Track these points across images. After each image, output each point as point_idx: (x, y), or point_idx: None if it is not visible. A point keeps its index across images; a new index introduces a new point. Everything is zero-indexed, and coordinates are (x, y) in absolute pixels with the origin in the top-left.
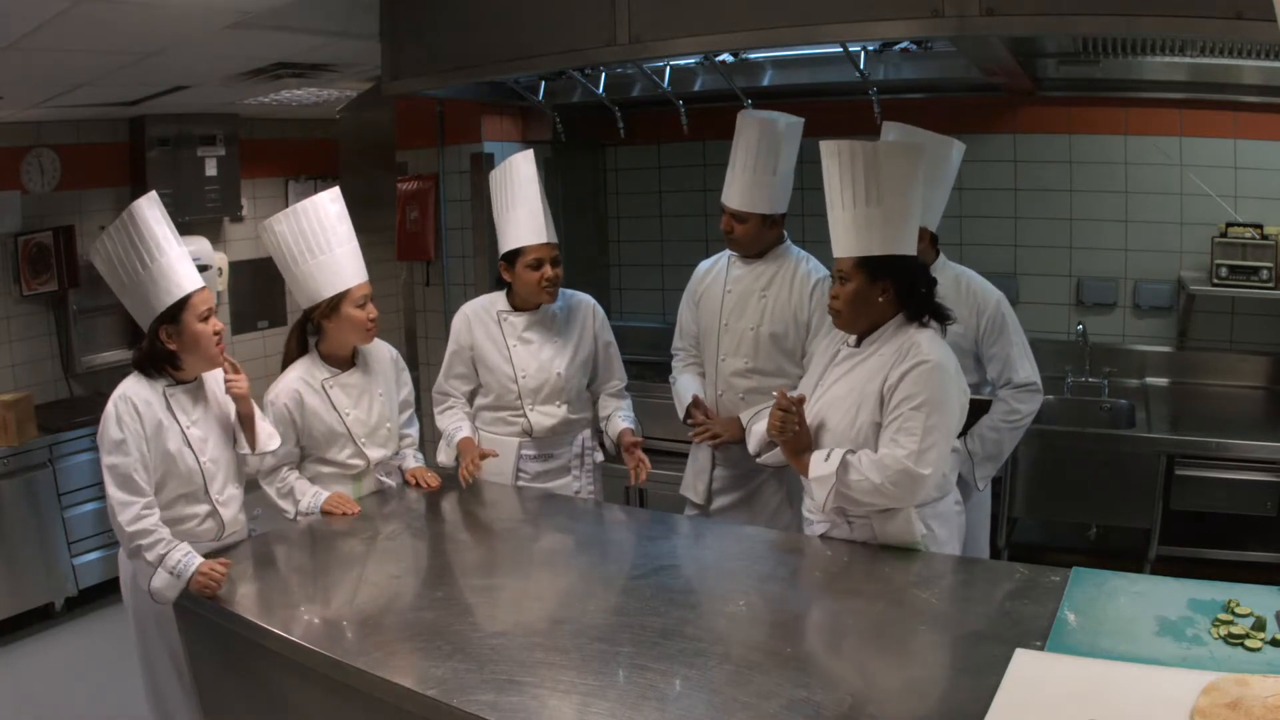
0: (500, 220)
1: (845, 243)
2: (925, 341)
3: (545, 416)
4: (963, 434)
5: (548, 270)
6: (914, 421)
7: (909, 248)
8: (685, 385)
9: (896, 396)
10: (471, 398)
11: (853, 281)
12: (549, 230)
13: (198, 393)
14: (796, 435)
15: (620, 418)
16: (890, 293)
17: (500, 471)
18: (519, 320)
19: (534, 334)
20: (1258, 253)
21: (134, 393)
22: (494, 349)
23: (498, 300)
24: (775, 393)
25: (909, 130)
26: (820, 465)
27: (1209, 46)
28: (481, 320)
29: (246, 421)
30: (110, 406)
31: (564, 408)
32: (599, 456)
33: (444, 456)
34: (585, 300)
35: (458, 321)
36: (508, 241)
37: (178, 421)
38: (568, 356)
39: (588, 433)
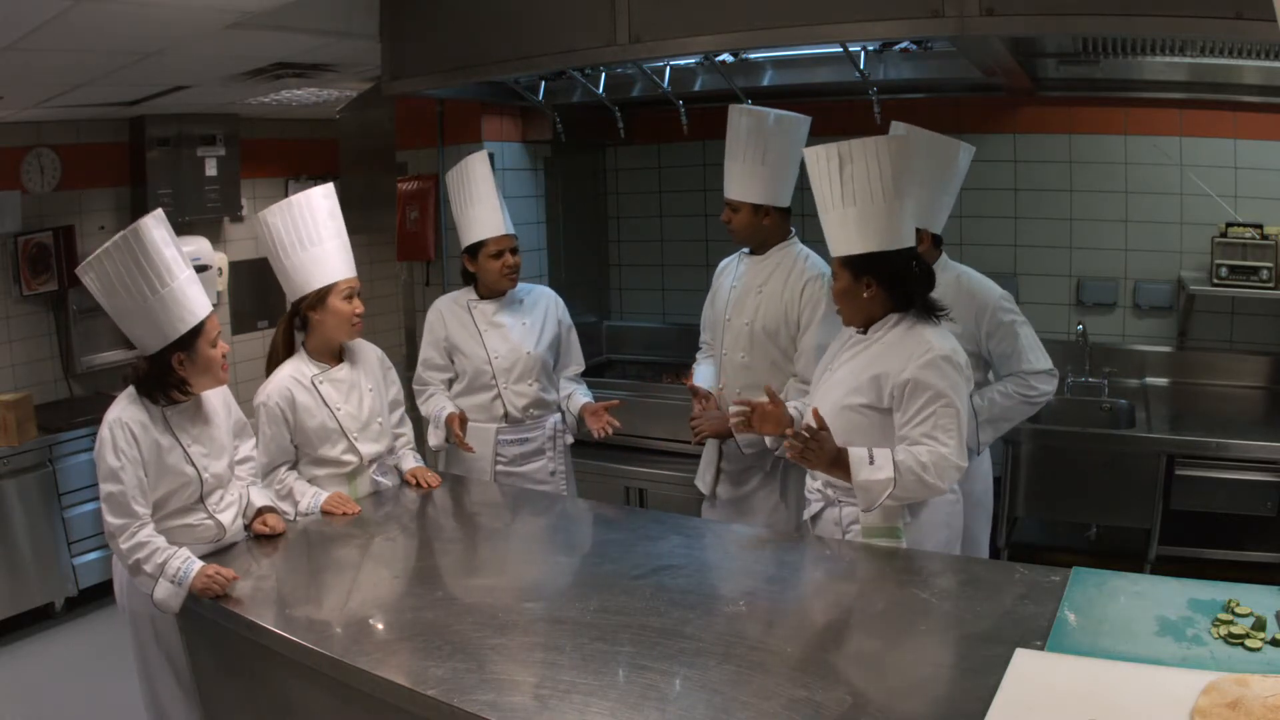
0: (461, 217)
1: (831, 243)
2: (934, 337)
3: (519, 395)
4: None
5: (508, 259)
6: (948, 418)
7: (892, 243)
8: (701, 375)
9: (924, 392)
10: (450, 388)
11: (840, 279)
12: (507, 223)
13: (196, 411)
14: (821, 449)
15: (580, 394)
16: (875, 287)
17: (480, 456)
18: (488, 307)
19: (503, 318)
20: (1258, 253)
21: (130, 416)
22: (467, 335)
23: (466, 292)
24: (787, 433)
25: (914, 131)
26: (867, 469)
27: (1209, 46)
28: (453, 311)
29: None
30: (105, 431)
31: (535, 385)
32: (569, 439)
33: (434, 439)
34: (546, 290)
35: (431, 315)
36: (470, 235)
37: (179, 441)
38: (535, 337)
39: (559, 416)
